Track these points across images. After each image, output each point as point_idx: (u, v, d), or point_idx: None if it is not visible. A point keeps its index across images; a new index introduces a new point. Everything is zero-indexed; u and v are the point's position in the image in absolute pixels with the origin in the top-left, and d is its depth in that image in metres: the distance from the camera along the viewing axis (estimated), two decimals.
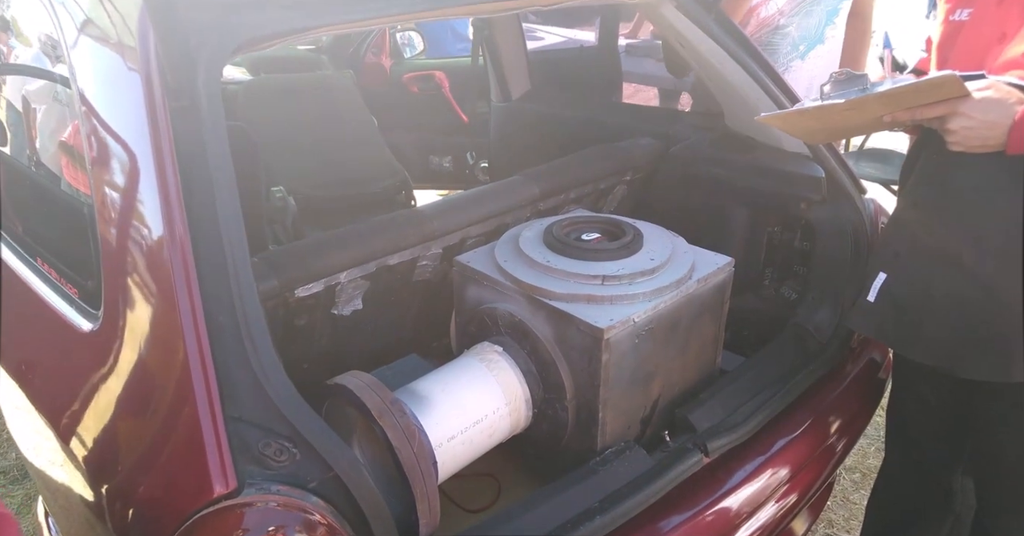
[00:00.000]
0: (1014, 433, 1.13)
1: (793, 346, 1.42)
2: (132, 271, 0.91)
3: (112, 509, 0.87)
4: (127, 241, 0.92)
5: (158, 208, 0.87)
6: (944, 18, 1.10)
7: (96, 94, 1.00)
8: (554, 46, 3.88)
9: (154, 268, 0.88)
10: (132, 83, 0.93)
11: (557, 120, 2.14)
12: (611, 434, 1.21)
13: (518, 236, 1.34)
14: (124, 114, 0.96)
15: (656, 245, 1.28)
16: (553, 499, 1.06)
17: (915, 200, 1.16)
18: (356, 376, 1.07)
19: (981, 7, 1.03)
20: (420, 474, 0.99)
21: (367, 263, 1.34)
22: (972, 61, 1.03)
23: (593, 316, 1.12)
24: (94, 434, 0.95)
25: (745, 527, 1.18)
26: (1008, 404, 1.11)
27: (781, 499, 1.25)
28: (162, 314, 0.85)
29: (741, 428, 1.21)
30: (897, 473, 1.45)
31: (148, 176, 0.89)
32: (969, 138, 0.96)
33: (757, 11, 1.85)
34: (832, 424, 1.38)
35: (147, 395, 0.87)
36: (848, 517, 1.90)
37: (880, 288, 1.18)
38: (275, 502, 0.76)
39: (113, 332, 0.92)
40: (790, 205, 1.47)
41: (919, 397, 1.32)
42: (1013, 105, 0.92)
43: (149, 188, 0.88)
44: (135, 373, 0.89)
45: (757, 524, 1.20)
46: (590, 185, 1.65)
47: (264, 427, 0.81)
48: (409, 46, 3.60)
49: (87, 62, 1.03)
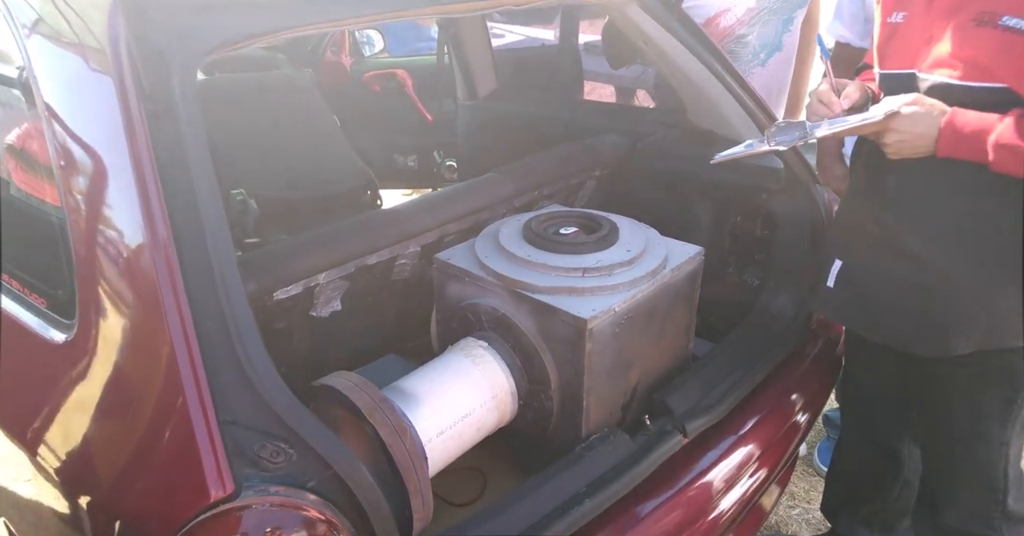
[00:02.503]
0: (956, 402, 1.22)
1: (759, 330, 1.49)
2: (112, 279, 0.89)
3: (95, 522, 0.85)
4: (105, 249, 0.90)
5: (139, 214, 0.85)
6: (882, 20, 1.19)
7: (63, 101, 0.98)
8: (515, 44, 3.91)
9: (136, 275, 0.87)
10: (103, 88, 0.92)
11: (525, 118, 2.17)
12: (595, 421, 1.25)
13: (497, 232, 1.37)
14: (96, 120, 0.94)
15: (631, 237, 1.33)
16: (544, 486, 1.09)
17: (862, 188, 1.24)
18: (343, 376, 1.08)
19: (912, 11, 1.12)
20: (413, 470, 1.01)
21: (346, 263, 1.34)
22: (906, 60, 1.12)
23: (576, 307, 1.16)
24: (71, 446, 0.93)
25: (724, 500, 1.24)
26: (951, 375, 1.20)
27: (754, 473, 1.32)
28: (147, 320, 0.84)
29: (716, 409, 1.27)
30: (853, 444, 1.55)
31: (126, 182, 0.87)
32: (903, 149, 1.06)
33: (717, 22, 1.93)
34: (797, 401, 1.46)
35: (132, 403, 0.86)
36: (808, 489, 2.00)
37: (837, 274, 1.26)
38: (274, 503, 0.77)
39: (90, 341, 0.90)
40: (751, 196, 1.54)
41: (872, 373, 1.41)
42: (937, 117, 1.03)
43: (128, 194, 0.87)
44: (117, 381, 0.88)
45: (734, 497, 1.27)
46: (562, 181, 1.68)
47: (259, 430, 0.81)
48: (368, 44, 3.57)
49: (50, 68, 1.00)
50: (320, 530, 0.77)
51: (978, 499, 1.27)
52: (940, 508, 1.32)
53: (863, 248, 1.22)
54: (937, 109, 1.04)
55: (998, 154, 0.99)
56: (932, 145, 1.04)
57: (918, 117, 1.04)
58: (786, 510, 1.94)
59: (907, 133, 1.04)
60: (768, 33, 1.94)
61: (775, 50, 1.96)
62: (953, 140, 1.02)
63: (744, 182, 1.53)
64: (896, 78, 1.13)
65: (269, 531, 0.75)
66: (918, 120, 1.04)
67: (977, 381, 1.18)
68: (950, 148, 1.03)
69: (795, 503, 1.97)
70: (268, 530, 0.75)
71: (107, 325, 0.89)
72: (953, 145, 1.03)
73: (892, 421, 1.44)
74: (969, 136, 1.01)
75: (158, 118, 0.89)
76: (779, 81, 2.02)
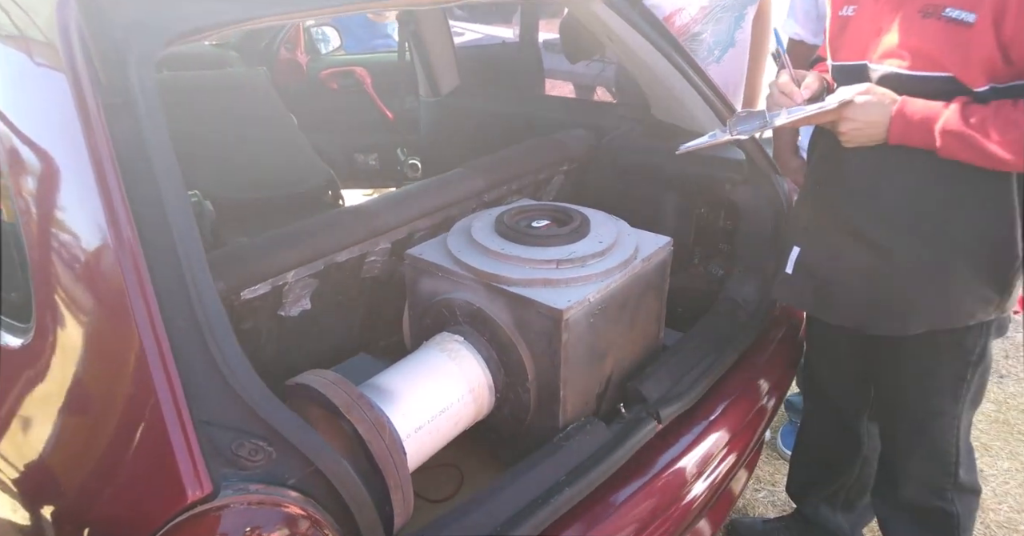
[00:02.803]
0: (911, 379, 1.28)
1: (726, 317, 1.53)
2: (72, 280, 0.85)
3: (60, 531, 0.82)
4: (64, 249, 0.86)
5: (100, 211, 0.81)
6: (833, 14, 1.23)
7: (10, 99, 0.93)
8: (475, 42, 3.91)
9: (100, 274, 0.83)
10: (54, 82, 0.87)
11: (489, 114, 2.17)
12: (571, 411, 1.26)
13: (469, 227, 1.36)
14: (48, 116, 0.90)
15: (602, 229, 1.35)
16: (524, 476, 1.09)
17: (818, 178, 1.29)
18: (317, 374, 1.06)
19: (863, 4, 1.17)
20: (393, 465, 0.99)
21: (315, 261, 1.31)
22: (857, 52, 1.16)
23: (551, 298, 1.17)
24: (29, 455, 0.88)
25: (698, 484, 1.27)
26: (906, 354, 1.26)
27: (725, 457, 1.35)
28: (113, 321, 0.81)
29: (688, 395, 1.30)
30: (815, 426, 1.60)
31: (85, 178, 0.83)
32: (857, 136, 1.11)
33: (672, 21, 1.98)
34: (763, 386, 1.50)
35: (99, 406, 0.82)
36: (773, 472, 2.07)
37: (796, 260, 1.30)
38: (253, 501, 0.75)
39: (48, 345, 0.86)
40: (716, 187, 1.58)
41: (832, 356, 1.47)
42: (888, 106, 1.07)
43: (87, 191, 0.83)
44: (82, 385, 0.84)
45: (707, 480, 1.30)
46: (530, 176, 1.69)
47: (235, 428, 0.79)
48: (324, 41, 3.50)
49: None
50: (302, 527, 0.75)
51: (933, 472, 1.33)
52: (897, 482, 1.38)
53: (820, 235, 1.27)
54: (888, 98, 1.08)
55: (944, 140, 1.04)
56: (884, 133, 1.09)
57: (870, 106, 1.08)
58: (752, 493, 2.00)
59: (860, 121, 1.09)
60: (721, 30, 2.00)
61: (729, 46, 2.02)
62: (903, 127, 1.07)
63: (708, 174, 1.56)
64: (849, 69, 1.18)
65: (249, 530, 0.73)
66: (870, 109, 1.08)
67: (931, 359, 1.24)
68: (900, 135, 1.08)
69: (761, 486, 2.02)
70: (248, 529, 0.73)
71: (68, 327, 0.85)
72: (903, 132, 1.07)
73: (851, 402, 1.49)
74: (918, 123, 1.06)
75: (117, 111, 0.86)
76: (734, 77, 2.08)
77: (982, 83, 1.03)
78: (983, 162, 1.04)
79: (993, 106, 1.02)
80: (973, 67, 1.02)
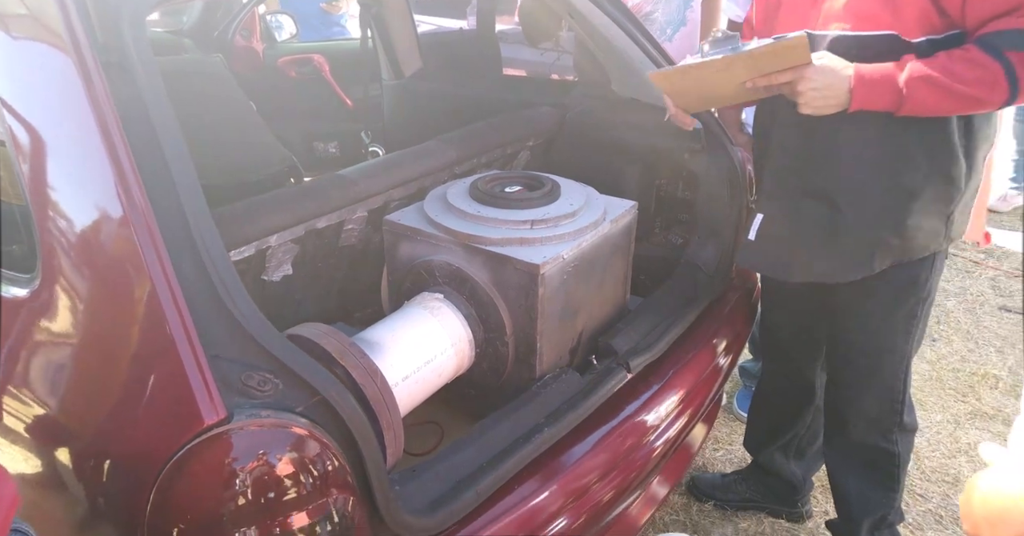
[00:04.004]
0: (869, 319, 1.38)
1: (687, 280, 1.64)
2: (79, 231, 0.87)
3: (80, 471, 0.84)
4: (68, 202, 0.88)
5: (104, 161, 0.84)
6: None
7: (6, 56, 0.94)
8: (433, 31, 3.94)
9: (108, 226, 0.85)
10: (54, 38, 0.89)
11: (453, 95, 2.23)
12: (547, 363, 1.34)
13: (445, 193, 1.42)
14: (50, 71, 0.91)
15: (572, 193, 1.43)
16: (507, 418, 1.16)
17: (783, 145, 1.34)
18: (310, 326, 1.10)
19: None
20: (385, 406, 1.05)
21: (296, 226, 1.35)
22: (795, 23, 1.22)
23: (528, 255, 1.24)
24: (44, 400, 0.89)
25: (663, 427, 1.37)
26: (866, 295, 1.34)
27: (687, 406, 1.46)
28: (125, 266, 0.83)
29: (655, 347, 1.40)
30: (772, 381, 1.73)
31: (86, 125, 0.85)
32: (815, 100, 1.14)
33: (626, 0, 2.08)
34: (721, 342, 1.62)
35: (113, 348, 0.84)
36: (729, 433, 2.21)
37: (758, 228, 1.38)
38: (264, 424, 0.79)
39: (56, 293, 0.87)
40: (675, 156, 1.68)
41: (787, 313, 1.58)
42: (843, 70, 1.11)
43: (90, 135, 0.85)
44: (93, 329, 0.86)
45: (672, 428, 1.40)
46: (498, 150, 1.76)
47: (244, 362, 0.83)
48: (279, 29, 3.47)
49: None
50: (310, 448, 0.80)
51: (882, 411, 1.45)
52: (847, 426, 1.49)
53: (781, 200, 1.35)
54: (842, 63, 1.12)
55: (911, 88, 1.07)
56: (843, 99, 1.11)
57: (827, 70, 1.11)
58: (711, 453, 2.13)
59: (819, 82, 1.11)
60: (672, 10, 2.12)
61: (680, 25, 2.14)
62: (864, 89, 1.10)
63: (668, 144, 1.67)
64: None
65: (262, 452, 0.77)
66: (827, 72, 1.11)
67: (889, 297, 1.34)
68: (863, 98, 1.11)
69: (719, 446, 2.16)
70: (261, 451, 0.77)
71: (77, 275, 0.87)
72: (865, 94, 1.10)
73: (807, 353, 1.61)
74: (879, 81, 1.09)
75: (112, 69, 0.88)
76: (685, 55, 2.20)
77: (919, 36, 1.11)
78: (952, 105, 1.09)
79: (943, 55, 1.08)
80: (910, 22, 1.11)
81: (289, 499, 0.79)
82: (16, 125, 0.91)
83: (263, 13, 3.40)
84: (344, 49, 3.24)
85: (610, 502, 1.22)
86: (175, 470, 0.76)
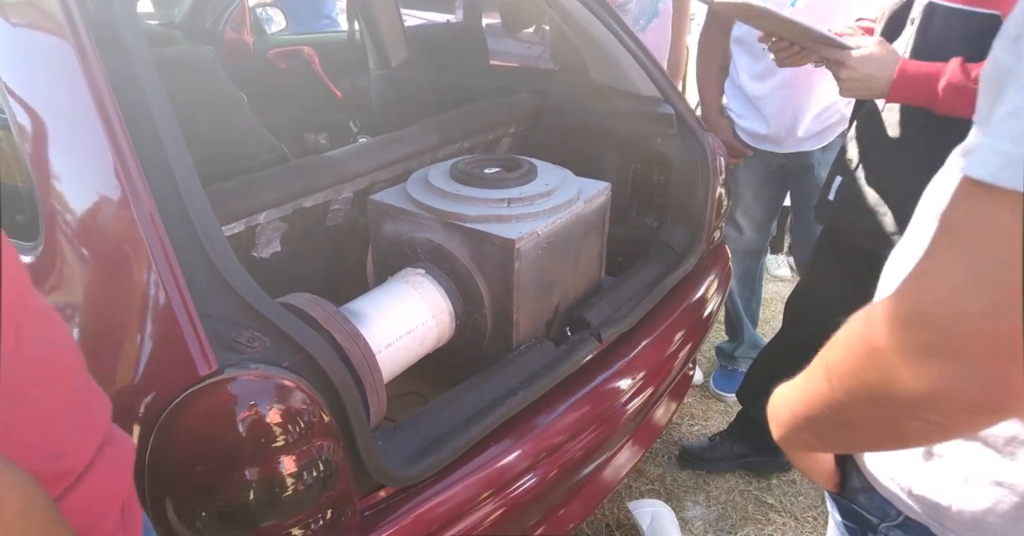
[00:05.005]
0: None
1: (660, 258, 1.72)
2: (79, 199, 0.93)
3: None
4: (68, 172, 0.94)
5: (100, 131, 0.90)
6: None
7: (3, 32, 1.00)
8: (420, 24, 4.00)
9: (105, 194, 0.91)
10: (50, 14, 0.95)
11: (438, 84, 2.29)
12: (523, 334, 1.41)
13: (426, 174, 1.49)
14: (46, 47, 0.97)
15: (548, 175, 1.51)
16: (484, 383, 1.24)
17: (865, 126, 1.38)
18: (298, 295, 1.17)
19: None
20: (368, 369, 1.12)
21: (284, 204, 1.42)
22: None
23: (504, 231, 1.32)
24: None
25: (631, 395, 1.45)
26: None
27: (655, 377, 1.54)
28: (122, 230, 0.90)
29: (626, 319, 1.48)
30: (787, 339, 1.74)
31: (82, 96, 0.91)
32: (854, 87, 1.17)
33: None
34: (690, 318, 1.70)
35: (112, 307, 0.91)
36: (705, 410, 2.30)
37: (837, 189, 1.43)
38: (253, 376, 0.86)
39: (59, 258, 0.93)
40: (649, 141, 1.76)
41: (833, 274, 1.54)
42: (891, 63, 1.11)
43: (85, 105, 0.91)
44: (94, 291, 0.92)
45: (641, 397, 1.48)
46: (480, 135, 1.83)
47: (234, 321, 0.90)
48: (269, 22, 3.53)
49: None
50: (298, 399, 0.87)
51: None
52: None
53: (862, 168, 1.37)
54: (892, 56, 1.13)
55: (946, 95, 1.09)
56: (883, 89, 1.13)
57: (873, 59, 1.12)
58: (688, 428, 2.22)
59: (860, 72, 1.14)
60: (646, 1, 2.19)
61: (653, 17, 2.22)
62: (904, 85, 1.12)
63: (643, 129, 1.75)
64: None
65: (252, 401, 0.84)
66: (872, 63, 1.13)
67: None
68: (900, 92, 1.13)
69: (695, 422, 2.25)
70: (251, 401, 0.84)
71: (78, 241, 0.93)
72: (903, 89, 1.13)
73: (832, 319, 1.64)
74: (921, 79, 1.11)
75: (106, 46, 0.94)
76: (658, 46, 2.28)
77: None
78: None
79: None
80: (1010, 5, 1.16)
81: (277, 445, 0.86)
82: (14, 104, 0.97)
83: (253, 5, 3.46)
84: (333, 41, 3.29)
85: (579, 462, 1.29)
86: (172, 417, 0.83)
